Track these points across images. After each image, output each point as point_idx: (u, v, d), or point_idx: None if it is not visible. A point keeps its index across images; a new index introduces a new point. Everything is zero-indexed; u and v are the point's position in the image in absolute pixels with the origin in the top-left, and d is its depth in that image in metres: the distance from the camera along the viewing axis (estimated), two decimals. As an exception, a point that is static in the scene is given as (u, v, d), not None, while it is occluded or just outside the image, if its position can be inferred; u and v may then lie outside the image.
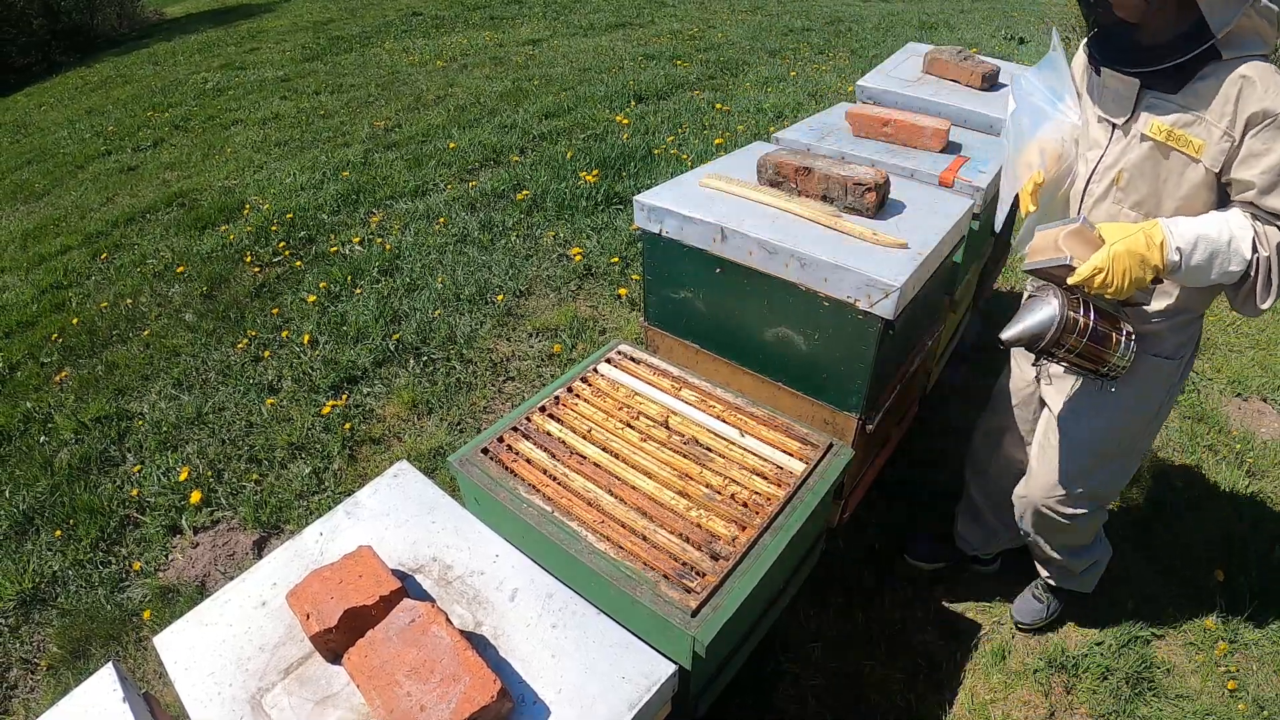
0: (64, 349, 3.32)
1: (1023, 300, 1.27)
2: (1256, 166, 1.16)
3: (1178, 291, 1.36)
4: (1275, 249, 1.17)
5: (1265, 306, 1.22)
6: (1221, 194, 1.25)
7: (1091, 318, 1.21)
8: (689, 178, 1.75)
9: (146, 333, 3.35)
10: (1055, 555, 1.77)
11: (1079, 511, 1.61)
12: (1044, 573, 1.89)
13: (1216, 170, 1.21)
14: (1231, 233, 1.17)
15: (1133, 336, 1.25)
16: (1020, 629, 1.96)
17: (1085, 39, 1.36)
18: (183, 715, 0.95)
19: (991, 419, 1.87)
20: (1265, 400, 2.78)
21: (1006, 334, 1.26)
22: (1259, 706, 1.80)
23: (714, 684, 1.41)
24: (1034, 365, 1.50)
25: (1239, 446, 2.53)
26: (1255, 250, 1.17)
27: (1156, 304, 1.37)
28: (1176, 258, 1.15)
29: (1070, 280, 1.19)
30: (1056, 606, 1.95)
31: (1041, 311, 1.21)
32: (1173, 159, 1.24)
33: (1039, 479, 1.62)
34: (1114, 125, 1.32)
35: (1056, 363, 1.27)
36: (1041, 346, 1.22)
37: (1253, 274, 1.19)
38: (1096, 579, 1.89)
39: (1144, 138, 1.26)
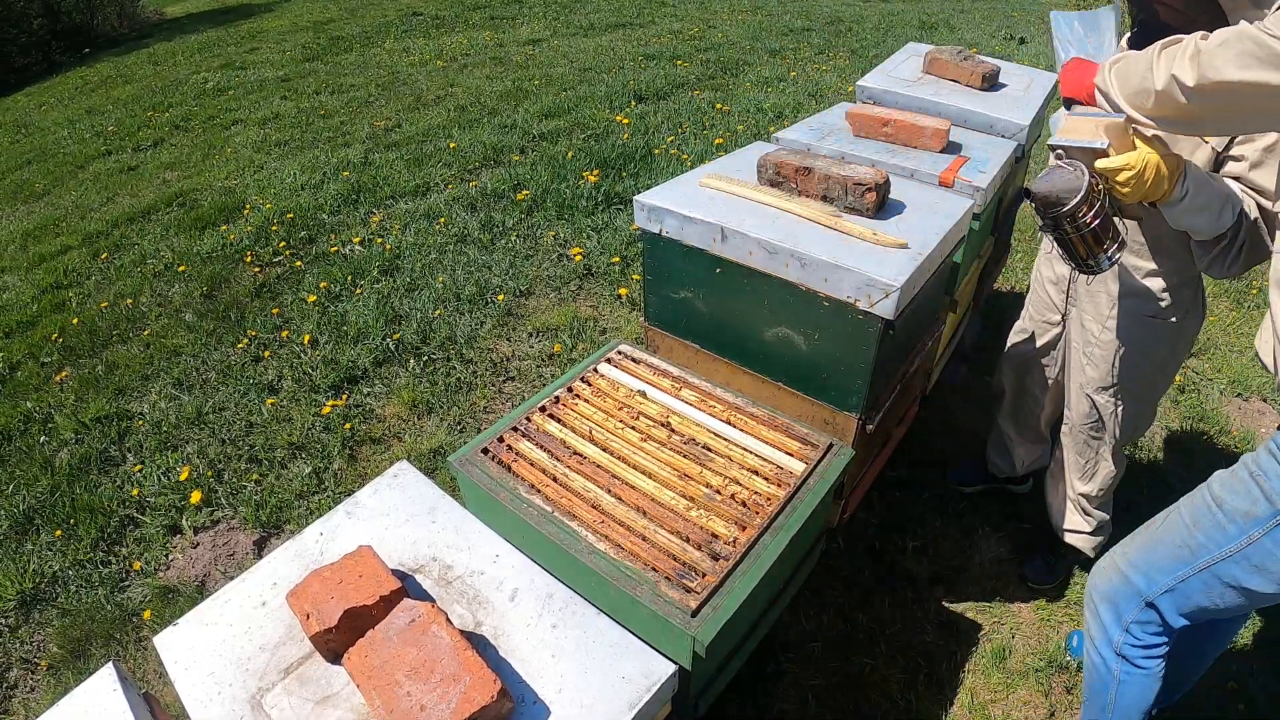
0: (64, 349, 3.32)
1: (1048, 168, 1.36)
2: (1253, 144, 1.33)
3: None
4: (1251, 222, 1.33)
5: (1231, 271, 1.38)
6: (1215, 167, 1.40)
7: (1106, 207, 1.29)
8: (689, 178, 1.75)
9: (146, 333, 3.35)
10: (1077, 495, 1.93)
11: (1113, 408, 1.77)
12: (1059, 522, 2.02)
13: (1220, 150, 1.36)
14: (1231, 190, 1.32)
15: (1123, 247, 1.34)
16: (1031, 587, 2.10)
17: (1128, 36, 1.45)
18: (183, 715, 0.95)
19: (1016, 338, 2.05)
20: (1265, 400, 2.78)
21: (1037, 186, 1.31)
22: (1259, 706, 1.80)
23: (714, 684, 1.41)
24: (1041, 228, 1.55)
25: (1239, 447, 2.53)
26: (1245, 216, 1.32)
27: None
28: (1181, 194, 1.27)
29: (1099, 163, 1.26)
30: (1063, 567, 2.11)
31: (1074, 180, 1.28)
32: (1189, 139, 1.36)
33: (1089, 373, 1.76)
34: None
35: (1055, 232, 1.34)
36: (1061, 211, 1.28)
37: (1237, 236, 1.34)
38: (1099, 547, 1.99)
39: None
